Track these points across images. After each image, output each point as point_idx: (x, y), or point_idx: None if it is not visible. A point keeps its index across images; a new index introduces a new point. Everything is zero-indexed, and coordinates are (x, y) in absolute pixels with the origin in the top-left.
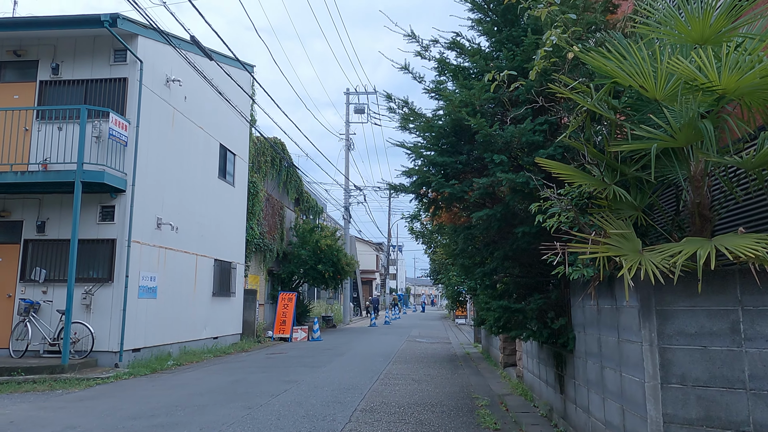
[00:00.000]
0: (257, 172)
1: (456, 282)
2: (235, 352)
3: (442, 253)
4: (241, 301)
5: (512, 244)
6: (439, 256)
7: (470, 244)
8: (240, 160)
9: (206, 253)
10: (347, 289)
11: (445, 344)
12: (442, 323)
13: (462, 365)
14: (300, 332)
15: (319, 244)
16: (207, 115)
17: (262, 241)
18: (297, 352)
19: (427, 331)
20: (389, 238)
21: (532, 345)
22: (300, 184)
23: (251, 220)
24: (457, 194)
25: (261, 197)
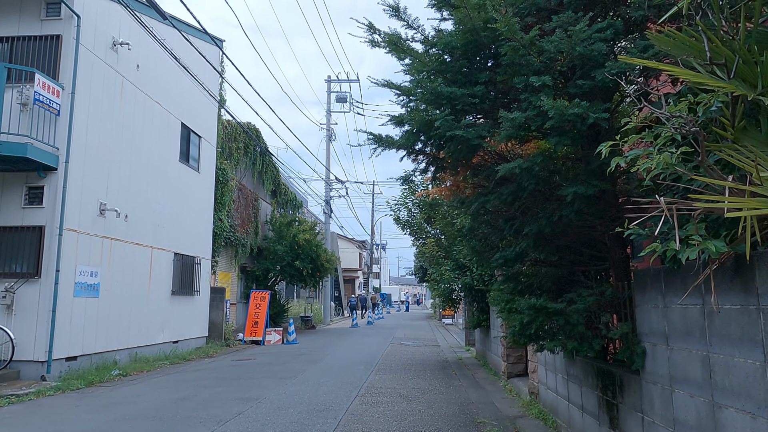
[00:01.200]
0: (228, 158)
1: (449, 278)
2: (197, 358)
3: (434, 244)
4: (206, 301)
5: (551, 215)
6: (429, 249)
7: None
8: (206, 144)
9: (164, 246)
10: (328, 288)
11: (433, 347)
12: (428, 323)
13: (456, 374)
14: (274, 334)
15: (296, 239)
16: (167, 89)
17: (234, 234)
18: (267, 357)
19: (412, 333)
20: (372, 235)
21: (555, 355)
22: (277, 174)
23: (220, 210)
24: (472, 140)
25: (232, 186)
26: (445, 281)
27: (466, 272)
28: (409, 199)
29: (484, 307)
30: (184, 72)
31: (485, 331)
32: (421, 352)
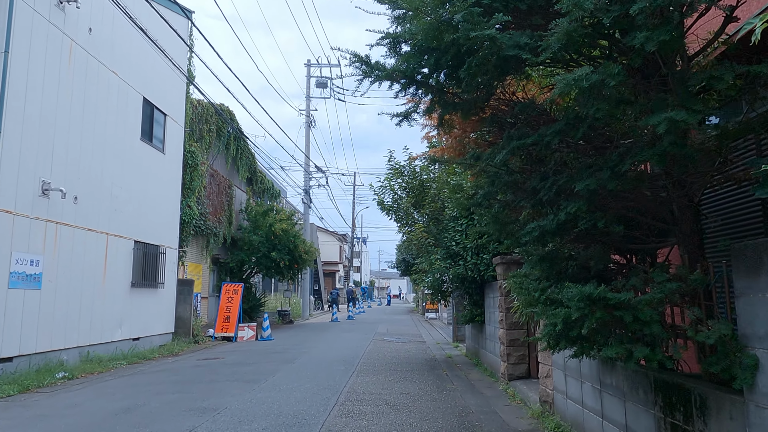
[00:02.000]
0: (198, 141)
1: (439, 268)
2: (159, 357)
3: (422, 230)
4: (173, 294)
5: (617, 164)
6: (417, 236)
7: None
8: (173, 123)
9: (123, 233)
10: (306, 281)
11: (419, 343)
12: (410, 318)
13: (448, 375)
14: (247, 330)
15: (273, 229)
16: (126, 59)
17: (204, 223)
18: (237, 356)
19: (395, 327)
20: (353, 228)
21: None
22: (253, 161)
23: (189, 197)
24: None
25: (202, 171)
26: (435, 271)
27: (459, 261)
28: (395, 180)
29: (477, 300)
30: (146, 41)
31: (478, 327)
32: (406, 349)
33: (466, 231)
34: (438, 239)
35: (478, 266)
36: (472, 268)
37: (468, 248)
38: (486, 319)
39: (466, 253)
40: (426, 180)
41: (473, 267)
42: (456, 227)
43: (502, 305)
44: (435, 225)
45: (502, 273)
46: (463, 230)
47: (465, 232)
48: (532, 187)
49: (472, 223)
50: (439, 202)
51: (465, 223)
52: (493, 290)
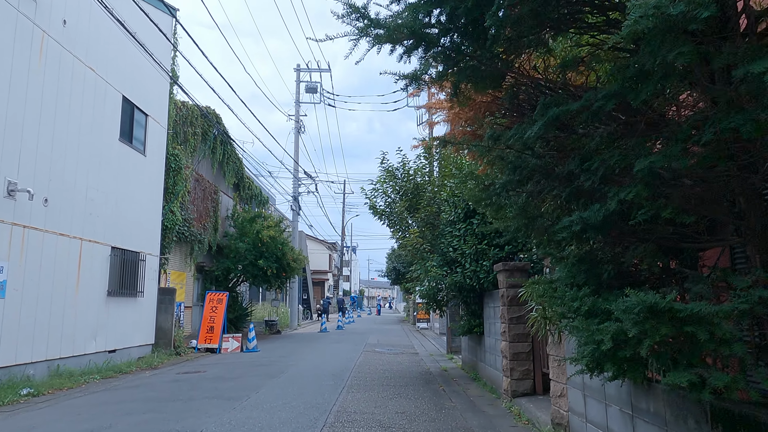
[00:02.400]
0: (182, 144)
1: (435, 276)
2: (136, 371)
3: (417, 235)
4: (153, 303)
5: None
6: (412, 241)
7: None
8: (155, 124)
9: (99, 239)
10: (295, 290)
11: (411, 355)
12: (401, 328)
13: (445, 391)
14: (232, 341)
15: (260, 236)
16: (104, 55)
17: (188, 229)
18: (219, 369)
19: (386, 338)
20: (343, 236)
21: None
22: (240, 166)
23: (172, 201)
24: None
25: (186, 175)
26: (431, 279)
27: (456, 268)
28: (388, 183)
29: (476, 310)
30: (126, 36)
31: (476, 339)
32: (398, 361)
33: (464, 236)
34: (433, 245)
35: (478, 274)
36: (471, 275)
37: (467, 254)
38: (485, 331)
39: (464, 259)
40: (421, 183)
41: (472, 274)
42: (453, 232)
43: (505, 316)
44: (430, 230)
45: (504, 281)
46: (461, 235)
47: (463, 237)
48: (567, 172)
49: (471, 227)
50: (434, 206)
51: (463, 227)
52: (493, 299)
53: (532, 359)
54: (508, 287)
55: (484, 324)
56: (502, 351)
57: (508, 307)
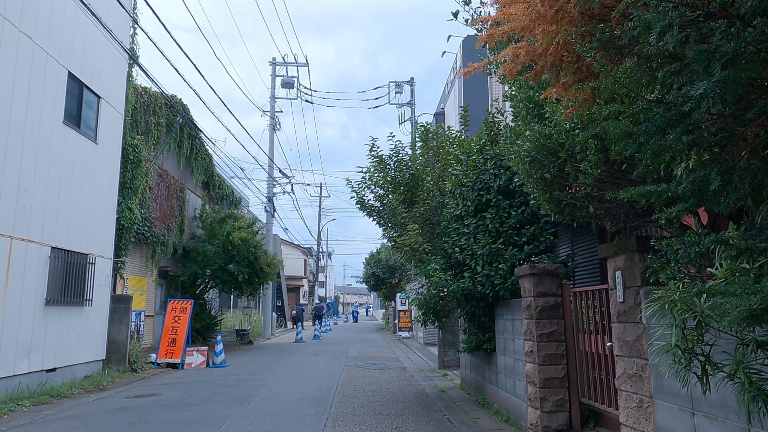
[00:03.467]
0: (144, 135)
1: (438, 281)
2: (80, 393)
3: (417, 233)
4: (105, 313)
5: None
6: (410, 241)
7: None
8: (109, 108)
9: (35, 237)
10: (269, 297)
11: (399, 370)
12: (382, 337)
13: (451, 422)
14: (197, 355)
15: (230, 238)
16: (45, 22)
17: (150, 229)
18: (178, 392)
19: (368, 349)
20: (319, 241)
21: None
22: (210, 163)
23: (130, 198)
24: None
25: (148, 170)
26: (433, 285)
27: (464, 273)
28: (380, 174)
29: (485, 322)
30: (77, 5)
31: (484, 357)
32: (386, 379)
33: (474, 234)
34: (435, 245)
35: (492, 279)
36: (484, 281)
37: (478, 256)
38: (497, 347)
39: (474, 261)
40: (418, 173)
41: (484, 280)
42: (461, 229)
43: (532, 331)
44: (430, 228)
45: (531, 288)
46: (471, 233)
47: (473, 235)
48: None
49: (484, 223)
50: (435, 199)
51: (474, 223)
52: (511, 310)
53: (568, 386)
54: (537, 296)
55: (497, 339)
56: (528, 375)
57: (537, 321)
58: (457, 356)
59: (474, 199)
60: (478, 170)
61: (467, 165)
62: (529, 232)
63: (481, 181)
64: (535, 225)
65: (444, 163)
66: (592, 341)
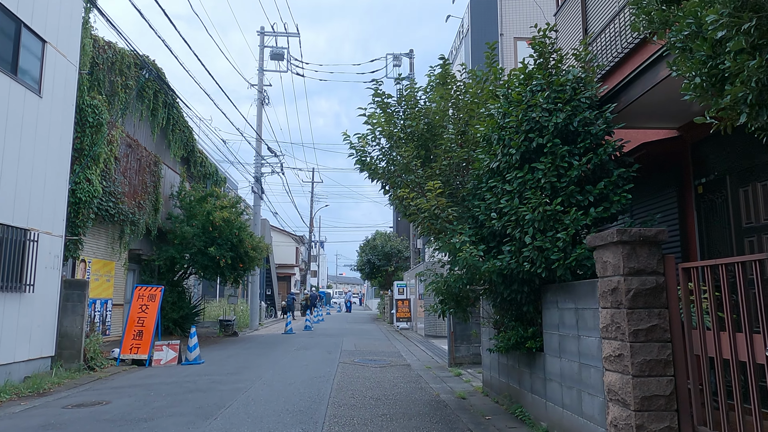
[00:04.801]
0: (111, 97)
1: (467, 258)
2: (11, 400)
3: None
4: (53, 301)
5: None
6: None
7: None
8: (58, 57)
9: None
10: (256, 284)
11: (402, 368)
12: (378, 328)
13: None
14: (167, 351)
15: (211, 218)
16: None
17: (116, 205)
18: (133, 398)
19: (365, 342)
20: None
21: None
22: (190, 137)
23: (89, 167)
24: None
25: (112, 137)
26: (462, 263)
27: (503, 246)
28: (387, 124)
29: (528, 312)
30: None
31: (524, 357)
32: (389, 380)
33: (521, 192)
34: (460, 211)
35: (546, 253)
36: (533, 256)
37: (526, 222)
38: (548, 346)
39: (519, 230)
40: (436, 121)
41: (534, 255)
42: (499, 186)
43: (621, 326)
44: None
45: (618, 262)
46: (516, 191)
47: (519, 193)
48: None
49: (535, 178)
50: (463, 150)
51: (520, 177)
52: (573, 296)
53: (676, 408)
54: (629, 274)
55: (545, 336)
56: (612, 390)
57: (630, 311)
58: (470, 352)
59: (520, 145)
60: (526, 105)
61: (509, 100)
62: (597, 190)
63: (529, 120)
64: (606, 179)
65: (468, 108)
66: (718, 341)
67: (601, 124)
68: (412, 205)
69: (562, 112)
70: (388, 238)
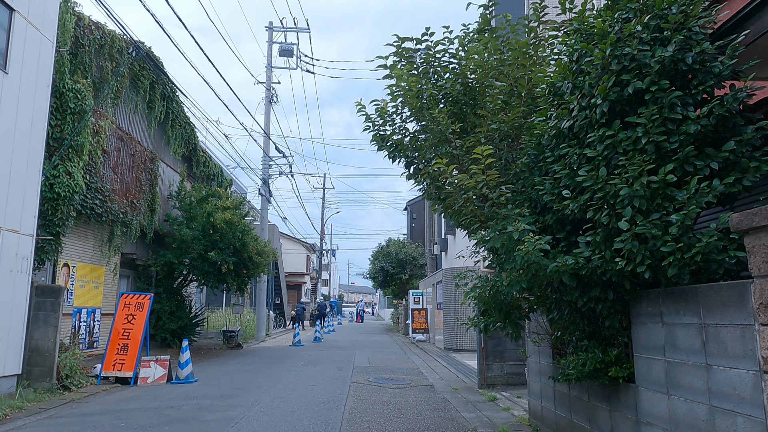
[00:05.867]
0: (100, 84)
1: (532, 255)
2: None
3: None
4: (20, 310)
5: None
6: (470, 183)
7: None
8: (30, 29)
9: None
10: (263, 292)
11: (425, 390)
12: (392, 340)
13: None
14: (155, 367)
15: (212, 219)
16: None
17: (103, 204)
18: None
19: (380, 357)
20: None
21: None
22: (192, 134)
23: (70, 159)
24: None
25: (100, 127)
26: (519, 261)
27: (584, 234)
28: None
29: (612, 328)
30: None
31: (599, 389)
32: (411, 405)
33: (608, 158)
34: (516, 189)
35: (652, 243)
36: (630, 248)
37: (621, 199)
38: (642, 377)
39: (608, 213)
40: (480, 76)
41: (635, 246)
42: (572, 153)
43: None
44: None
45: None
46: (600, 156)
47: (606, 160)
48: None
49: (629, 136)
50: (517, 111)
51: (605, 138)
52: (706, 306)
53: None
54: None
55: (638, 361)
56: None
57: None
58: (504, 371)
59: (608, 91)
60: (615, 38)
61: (587, 34)
62: (723, 153)
63: (621, 57)
64: (736, 138)
65: (520, 58)
66: None
67: (726, 61)
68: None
69: (670, 44)
70: (402, 245)
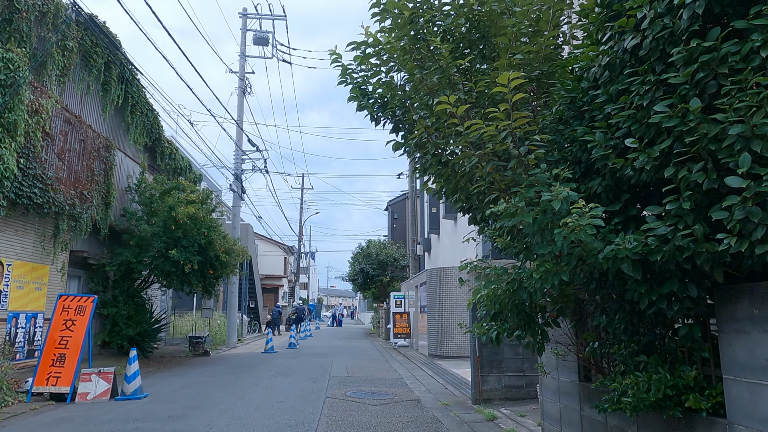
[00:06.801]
0: (43, 60)
1: (583, 230)
2: None
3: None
4: None
5: None
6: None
7: None
8: None
9: None
10: (234, 296)
11: (411, 405)
12: (373, 345)
13: None
14: (98, 381)
15: (173, 213)
16: None
17: (45, 193)
18: None
19: (358, 364)
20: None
21: None
22: (155, 122)
23: (0, 140)
24: None
25: (40, 106)
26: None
27: (656, 203)
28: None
29: (685, 339)
30: None
31: (660, 422)
32: (396, 427)
33: (704, 82)
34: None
35: None
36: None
37: (736, 142)
38: (740, 410)
39: (702, 166)
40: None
41: (757, 214)
42: (652, 80)
43: None
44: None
45: None
46: (690, 80)
47: (702, 84)
48: None
49: (749, 51)
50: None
51: (707, 49)
52: None
53: None
54: None
55: (730, 387)
56: None
57: None
58: (502, 383)
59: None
60: None
61: None
62: None
63: None
64: None
65: None
66: None
67: None
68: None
69: None
70: (383, 246)
